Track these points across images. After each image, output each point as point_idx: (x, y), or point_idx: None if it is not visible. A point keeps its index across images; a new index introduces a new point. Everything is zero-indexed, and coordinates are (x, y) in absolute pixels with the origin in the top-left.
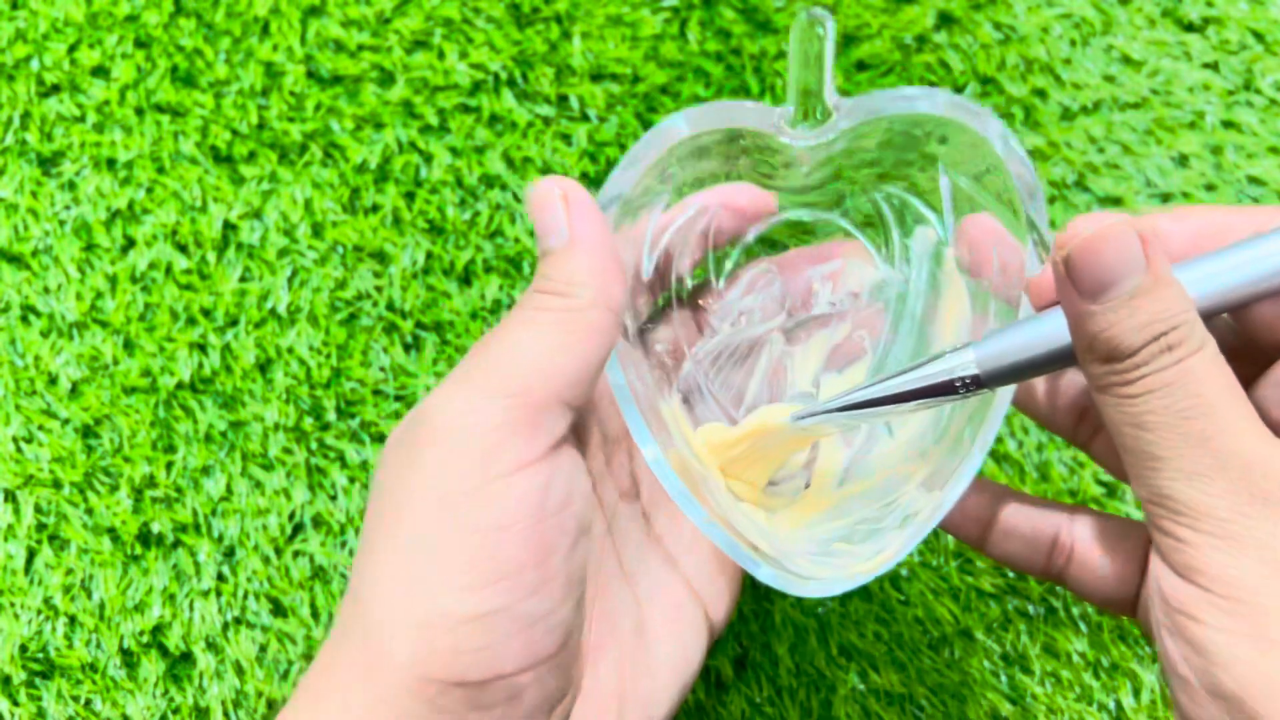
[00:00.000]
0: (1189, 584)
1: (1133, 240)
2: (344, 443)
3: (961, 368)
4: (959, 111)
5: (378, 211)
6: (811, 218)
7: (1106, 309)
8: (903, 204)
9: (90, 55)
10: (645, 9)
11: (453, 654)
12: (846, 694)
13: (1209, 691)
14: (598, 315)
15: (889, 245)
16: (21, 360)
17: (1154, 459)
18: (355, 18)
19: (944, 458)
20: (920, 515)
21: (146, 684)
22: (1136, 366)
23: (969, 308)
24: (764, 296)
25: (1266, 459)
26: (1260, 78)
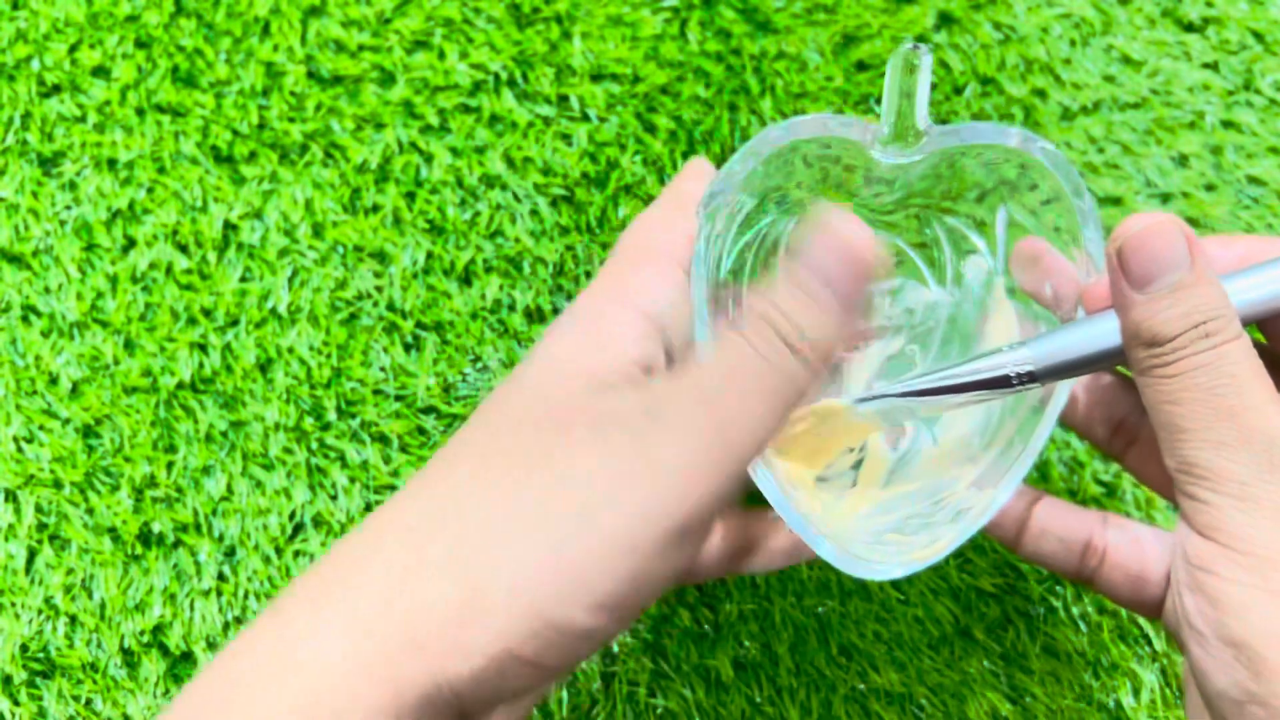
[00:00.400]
0: (1209, 541)
1: (1179, 237)
2: (344, 442)
3: (1017, 362)
4: (1034, 148)
5: (378, 211)
6: (880, 238)
7: (1152, 298)
8: (959, 234)
9: (91, 55)
10: (645, 9)
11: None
12: (846, 693)
13: (1222, 640)
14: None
15: (943, 270)
16: (22, 360)
17: (1185, 431)
18: (356, 18)
19: (994, 461)
20: (973, 510)
21: (147, 683)
22: (1176, 350)
23: (1017, 331)
24: None
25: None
26: (1260, 78)
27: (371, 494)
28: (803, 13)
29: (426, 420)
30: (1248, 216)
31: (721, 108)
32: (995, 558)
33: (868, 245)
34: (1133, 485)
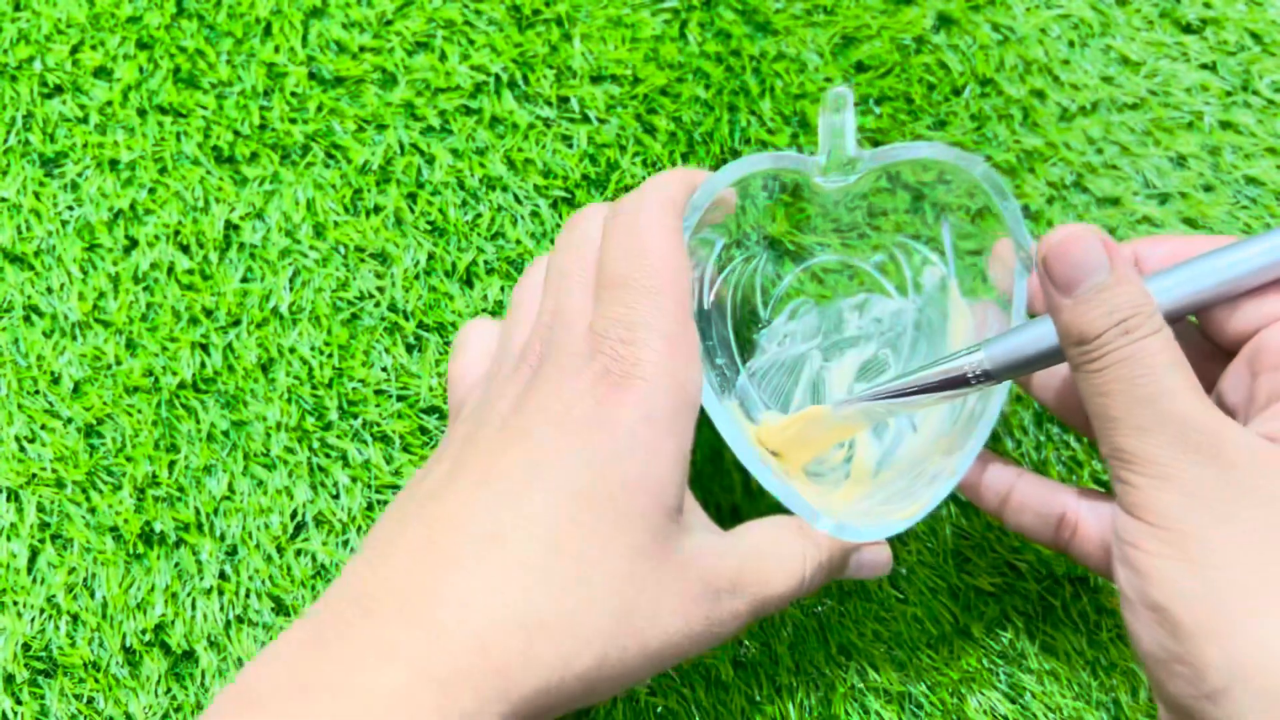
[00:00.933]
0: (1135, 519)
1: (1096, 244)
2: (346, 442)
3: (974, 364)
4: (950, 155)
5: (380, 212)
6: (839, 260)
7: (1077, 301)
8: (910, 249)
9: (92, 56)
10: (645, 10)
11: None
12: (845, 692)
13: (1145, 606)
14: None
15: (903, 281)
16: (24, 360)
17: (1112, 419)
18: (357, 19)
19: (961, 433)
20: (945, 472)
21: (149, 682)
22: (1101, 346)
23: (973, 328)
24: (804, 322)
25: (1199, 416)
26: (1258, 79)
27: (373, 493)
28: (802, 14)
29: (428, 420)
30: (1245, 217)
31: (721, 109)
32: (994, 557)
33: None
34: None
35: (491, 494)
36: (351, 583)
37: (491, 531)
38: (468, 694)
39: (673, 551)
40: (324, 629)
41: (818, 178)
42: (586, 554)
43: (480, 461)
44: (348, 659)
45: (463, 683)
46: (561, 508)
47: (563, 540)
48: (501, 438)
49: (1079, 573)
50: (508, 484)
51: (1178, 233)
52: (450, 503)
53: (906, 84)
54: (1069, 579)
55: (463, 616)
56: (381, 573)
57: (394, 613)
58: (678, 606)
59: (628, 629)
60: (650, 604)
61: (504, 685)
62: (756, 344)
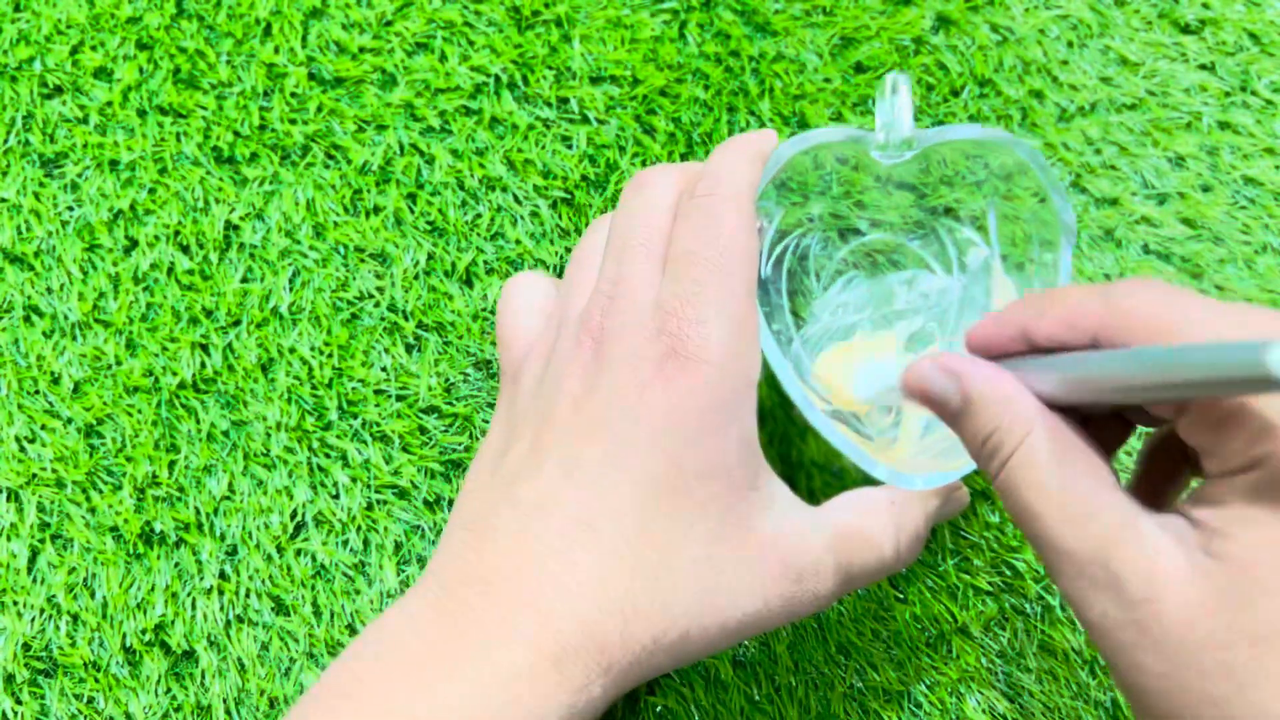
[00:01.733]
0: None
1: (939, 377)
2: (346, 442)
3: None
4: (999, 135)
5: (379, 213)
6: (889, 239)
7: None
8: (955, 230)
9: (92, 57)
10: (644, 11)
11: None
12: (845, 691)
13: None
14: None
15: (947, 260)
16: (24, 360)
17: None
18: (357, 20)
19: None
20: None
21: (149, 682)
22: (991, 474)
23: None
24: (855, 294)
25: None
26: (1256, 79)
27: (373, 493)
28: (801, 15)
29: (428, 420)
30: (1244, 217)
31: (720, 109)
32: (992, 556)
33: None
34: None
35: (578, 484)
36: (460, 560)
37: (582, 520)
38: (578, 669)
39: (750, 532)
40: (448, 606)
41: (875, 153)
42: (670, 539)
43: (561, 448)
44: (476, 636)
45: (573, 659)
46: (644, 496)
47: (647, 527)
48: (580, 422)
49: None
50: (593, 475)
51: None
52: (539, 489)
53: None
54: None
55: (568, 603)
56: (487, 555)
57: (509, 597)
58: (756, 587)
59: (710, 609)
60: (729, 585)
61: (605, 660)
62: (810, 312)
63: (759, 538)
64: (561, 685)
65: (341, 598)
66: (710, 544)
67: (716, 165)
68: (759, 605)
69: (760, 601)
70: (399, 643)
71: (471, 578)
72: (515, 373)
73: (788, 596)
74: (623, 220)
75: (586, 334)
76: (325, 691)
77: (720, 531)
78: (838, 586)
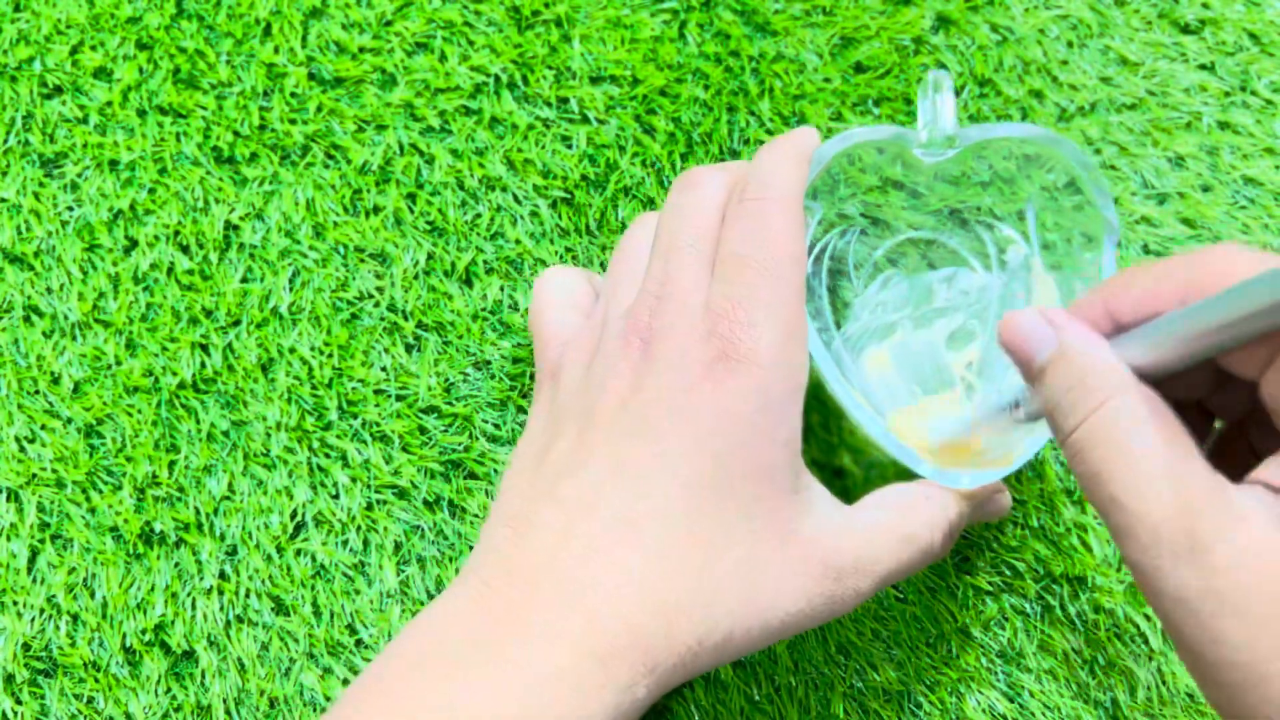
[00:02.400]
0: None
1: (1039, 326)
2: (346, 442)
3: None
4: (1040, 133)
5: (379, 213)
6: (930, 237)
7: (1040, 387)
8: (995, 228)
9: (92, 57)
10: (644, 11)
11: None
12: (845, 691)
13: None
14: None
15: (987, 259)
16: (24, 360)
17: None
18: (357, 20)
19: None
20: (1039, 428)
21: (149, 682)
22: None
23: (1058, 303)
24: (895, 292)
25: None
26: (1256, 79)
27: (373, 493)
28: (801, 15)
29: (428, 420)
30: (1244, 217)
31: (720, 109)
32: (992, 556)
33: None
34: None
35: (623, 483)
36: (503, 557)
37: (628, 520)
38: (623, 668)
39: (792, 534)
40: (492, 603)
41: (917, 151)
42: (714, 541)
43: (607, 446)
44: (521, 635)
45: (618, 659)
46: (689, 498)
47: (691, 528)
48: (626, 421)
49: (1076, 572)
50: (638, 474)
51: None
52: (583, 487)
53: (905, 85)
54: (1066, 578)
55: (613, 602)
56: (530, 553)
57: (554, 596)
58: (799, 587)
59: (753, 610)
60: (773, 586)
61: (650, 660)
62: (850, 310)
63: (801, 539)
64: (606, 686)
65: (341, 598)
66: (754, 545)
67: (764, 167)
68: (802, 605)
69: (803, 602)
70: (442, 639)
71: (515, 575)
72: (554, 369)
73: (830, 595)
74: (671, 219)
75: (634, 333)
76: (367, 689)
77: (764, 533)
78: (878, 582)
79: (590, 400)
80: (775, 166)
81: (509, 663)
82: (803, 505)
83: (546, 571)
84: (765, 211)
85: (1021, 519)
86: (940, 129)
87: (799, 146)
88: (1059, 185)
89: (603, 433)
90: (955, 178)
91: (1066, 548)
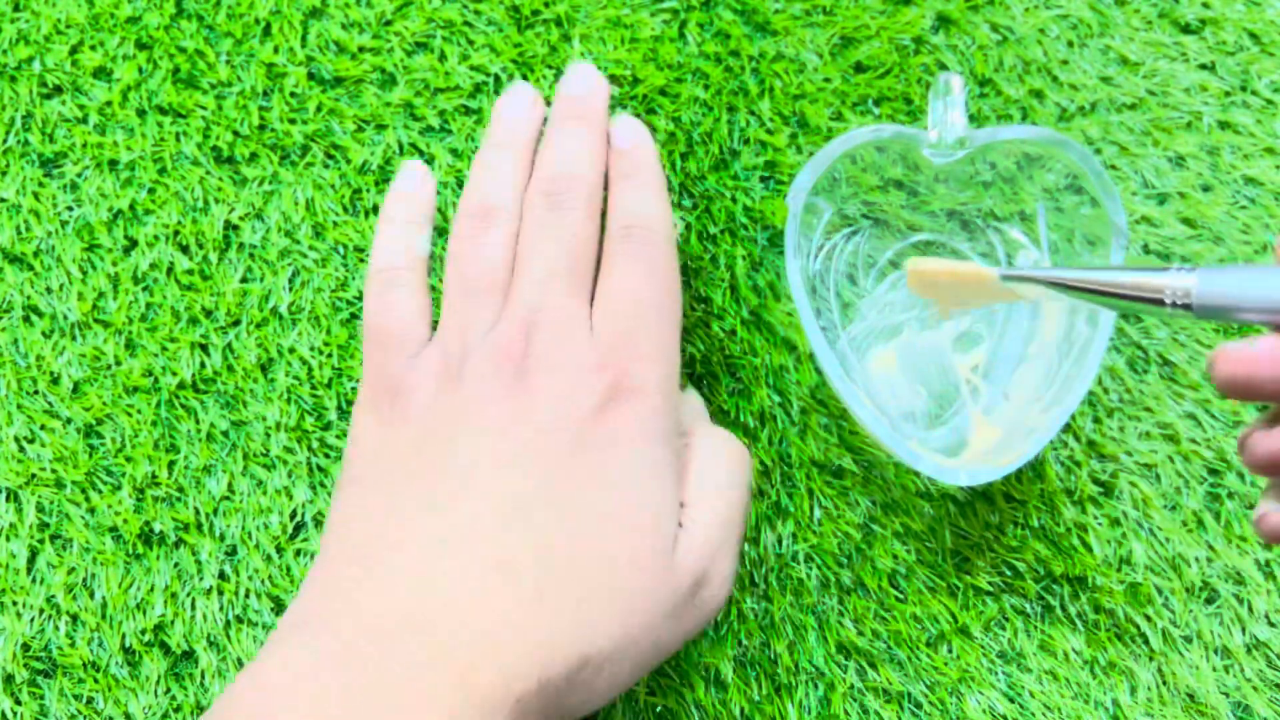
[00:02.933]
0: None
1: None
2: (345, 442)
3: (1179, 289)
4: (1049, 136)
5: (379, 213)
6: (938, 239)
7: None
8: (1003, 231)
9: (92, 57)
10: (644, 11)
11: None
12: (845, 691)
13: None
14: None
15: (996, 261)
16: (24, 360)
17: None
18: (356, 20)
19: (1058, 391)
20: (1040, 429)
21: (148, 682)
22: None
23: (1066, 307)
24: (902, 293)
25: None
26: (1257, 79)
27: None
28: (801, 14)
29: None
30: (1244, 217)
31: (720, 109)
32: (992, 556)
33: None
34: (1130, 485)
35: (500, 520)
36: (352, 605)
37: (503, 560)
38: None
39: (668, 563)
40: (348, 660)
41: (927, 152)
42: (592, 577)
43: (483, 480)
44: (380, 705)
45: (493, 715)
46: (572, 534)
47: (572, 565)
48: (502, 452)
49: (1077, 572)
50: (516, 509)
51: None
52: (452, 523)
53: (905, 84)
54: (1067, 578)
55: (488, 653)
56: (388, 599)
57: (421, 651)
58: (671, 612)
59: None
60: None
61: (521, 709)
62: (857, 310)
63: (674, 564)
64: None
65: None
66: (631, 572)
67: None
68: (675, 629)
69: (676, 624)
70: (288, 706)
71: (372, 627)
72: (394, 385)
73: (697, 615)
74: (539, 245)
75: (507, 360)
76: None
77: (641, 563)
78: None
79: (454, 427)
80: (648, 201)
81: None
82: (676, 531)
83: (411, 622)
84: (652, 247)
85: (1022, 519)
86: (951, 130)
87: (661, 178)
88: (1060, 186)
89: (475, 463)
90: (958, 178)
91: (1067, 548)
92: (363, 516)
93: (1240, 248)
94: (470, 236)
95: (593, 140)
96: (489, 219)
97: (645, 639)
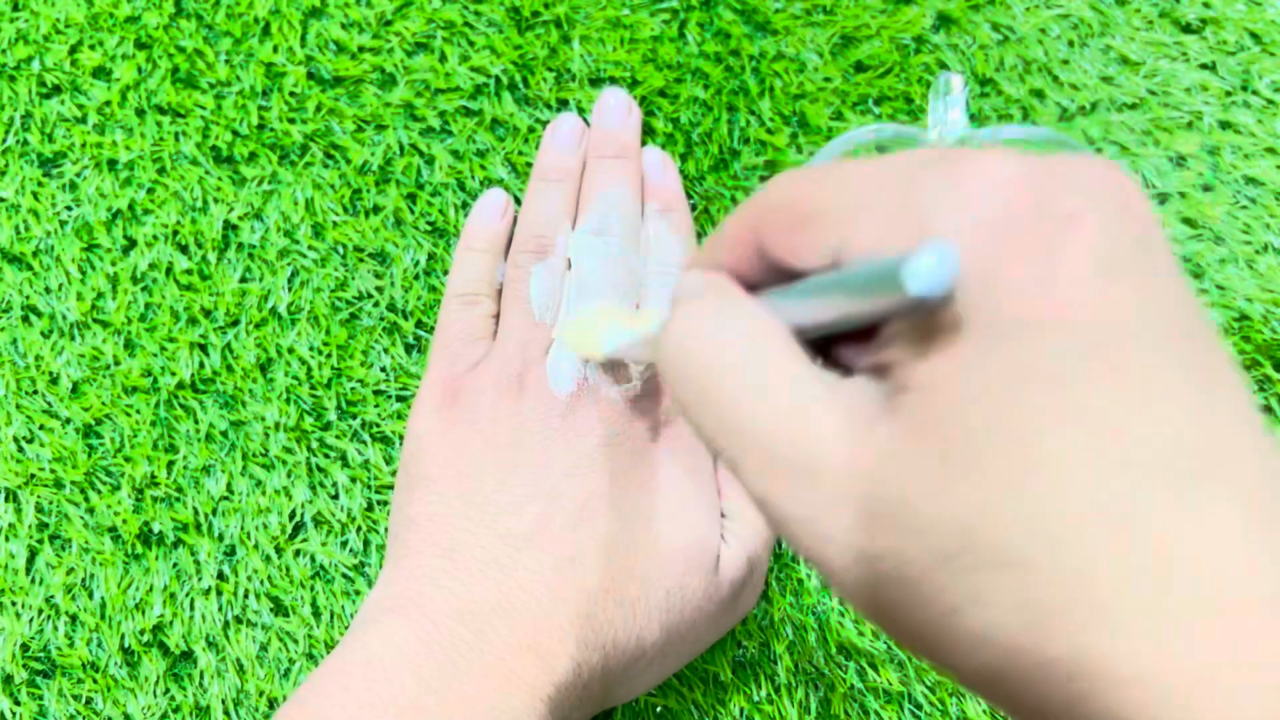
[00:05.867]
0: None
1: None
2: (345, 442)
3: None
4: (1052, 135)
5: (379, 213)
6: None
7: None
8: None
9: (91, 56)
10: (644, 11)
11: None
12: (845, 692)
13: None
14: None
15: None
16: (23, 360)
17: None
18: (356, 19)
19: None
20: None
21: (147, 683)
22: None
23: None
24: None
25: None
26: (1257, 79)
27: (373, 493)
28: (802, 14)
29: None
30: (1245, 217)
31: (720, 109)
32: None
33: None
34: None
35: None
36: (444, 591)
37: (573, 555)
38: (570, 705)
39: (714, 565)
40: (439, 639)
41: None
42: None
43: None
44: (476, 677)
45: (564, 698)
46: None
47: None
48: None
49: None
50: (585, 509)
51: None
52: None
53: (906, 84)
54: None
55: (563, 642)
56: (476, 588)
57: (506, 637)
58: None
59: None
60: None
61: (588, 694)
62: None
63: (719, 568)
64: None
65: (341, 599)
66: (683, 575)
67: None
68: (713, 629)
69: (714, 625)
70: (390, 678)
71: (462, 611)
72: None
73: (731, 618)
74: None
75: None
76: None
77: (691, 566)
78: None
79: (520, 434)
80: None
81: (468, 710)
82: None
83: (498, 610)
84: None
85: None
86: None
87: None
88: None
89: (546, 470)
90: None
91: None
92: (443, 514)
93: (1241, 248)
94: (527, 265)
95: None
96: (543, 254)
97: (690, 636)
